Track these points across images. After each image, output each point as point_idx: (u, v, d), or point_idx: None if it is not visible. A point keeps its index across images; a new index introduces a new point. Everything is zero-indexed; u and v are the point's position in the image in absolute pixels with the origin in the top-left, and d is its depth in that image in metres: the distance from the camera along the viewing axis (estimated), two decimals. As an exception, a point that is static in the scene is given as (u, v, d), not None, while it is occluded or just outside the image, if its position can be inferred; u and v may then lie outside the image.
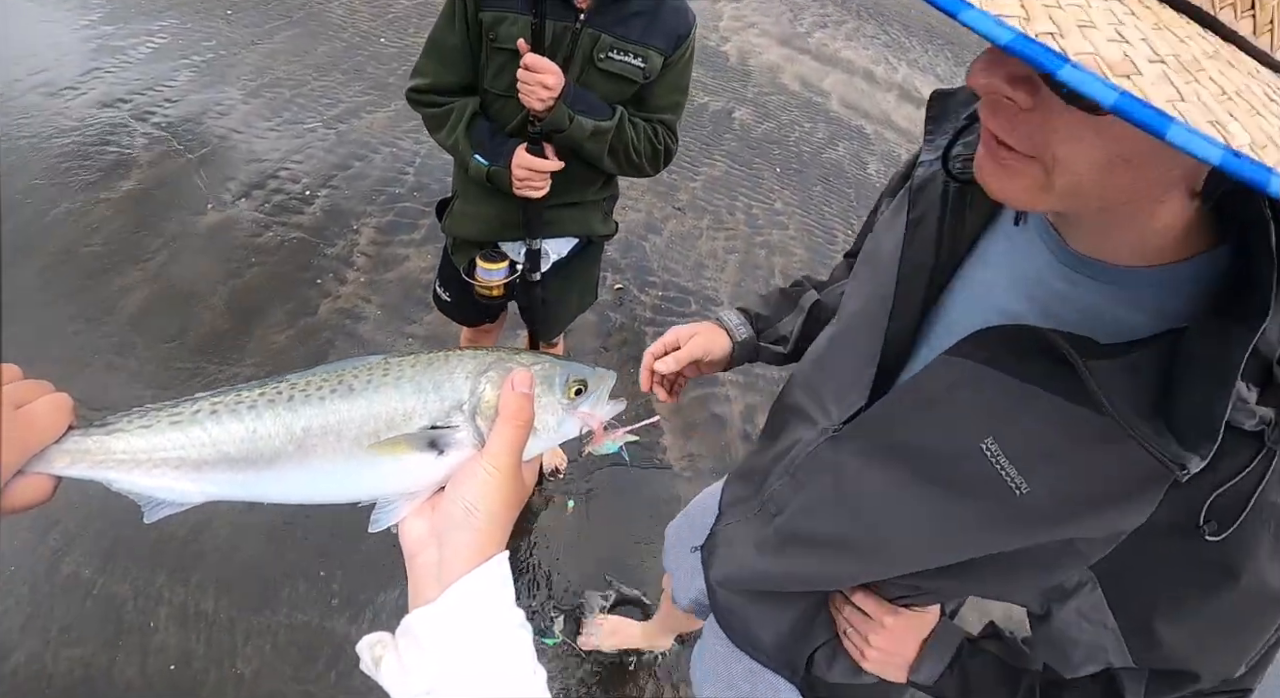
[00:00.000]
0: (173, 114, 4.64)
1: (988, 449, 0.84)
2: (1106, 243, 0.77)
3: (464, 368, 0.70)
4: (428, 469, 0.69)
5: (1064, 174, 0.65)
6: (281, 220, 4.01)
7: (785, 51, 8.25)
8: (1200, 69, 0.47)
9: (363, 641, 0.65)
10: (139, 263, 3.62)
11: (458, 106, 2.00)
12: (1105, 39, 0.46)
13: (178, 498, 0.70)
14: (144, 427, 0.69)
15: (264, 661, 2.39)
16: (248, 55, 5.40)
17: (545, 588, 2.75)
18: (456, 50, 1.95)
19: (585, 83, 1.93)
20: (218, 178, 4.21)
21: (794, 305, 1.48)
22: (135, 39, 5.35)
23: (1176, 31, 0.49)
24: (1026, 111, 0.64)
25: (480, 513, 0.64)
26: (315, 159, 4.48)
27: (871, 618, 1.21)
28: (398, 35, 5.95)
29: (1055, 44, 0.45)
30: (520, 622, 0.64)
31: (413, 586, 0.65)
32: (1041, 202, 0.70)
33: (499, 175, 1.97)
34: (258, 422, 0.68)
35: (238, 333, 3.37)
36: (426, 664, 0.60)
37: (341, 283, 3.72)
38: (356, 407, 0.68)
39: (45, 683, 2.24)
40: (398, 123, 4.87)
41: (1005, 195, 0.72)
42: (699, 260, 4.39)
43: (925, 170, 0.96)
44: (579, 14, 1.85)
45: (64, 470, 0.67)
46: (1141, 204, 0.69)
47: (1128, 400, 0.69)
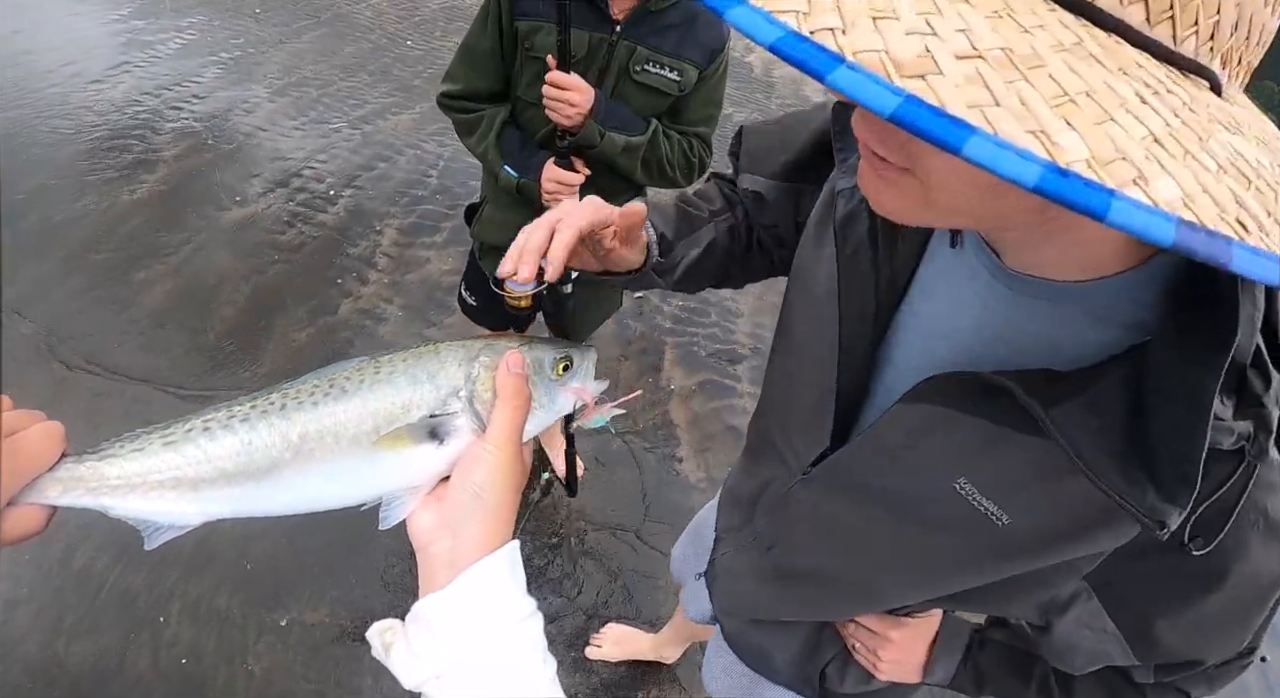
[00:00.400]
0: (199, 110, 4.68)
1: (961, 488, 0.79)
2: (1043, 258, 0.68)
3: (455, 356, 0.71)
4: (429, 460, 0.69)
5: (941, 192, 0.56)
6: (305, 219, 4.02)
7: (809, 63, 8.25)
8: (1038, 65, 0.38)
9: (373, 627, 0.65)
10: (162, 257, 3.64)
11: (488, 115, 2.00)
12: (903, 32, 0.38)
13: (177, 520, 0.69)
14: (137, 450, 0.68)
15: (275, 659, 2.38)
16: (275, 54, 5.44)
17: (559, 598, 2.73)
18: (489, 57, 1.94)
19: (620, 95, 1.92)
20: (242, 175, 4.23)
21: (691, 232, 1.18)
22: (164, 34, 5.41)
23: (1023, 19, 0.40)
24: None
25: (490, 495, 0.64)
26: (340, 159, 4.49)
27: (877, 634, 1.20)
28: (424, 38, 5.98)
29: (833, 41, 0.37)
30: (532, 610, 0.64)
31: (424, 575, 0.65)
32: (927, 218, 0.62)
33: (528, 187, 1.96)
34: (252, 433, 0.67)
35: (259, 329, 3.37)
36: (437, 649, 0.60)
37: (363, 283, 3.72)
38: (352, 406, 0.68)
39: (56, 672, 2.24)
40: (422, 125, 4.89)
41: (887, 210, 0.63)
42: (720, 271, 4.38)
43: (847, 202, 0.86)
44: (615, 25, 1.84)
45: (58, 499, 0.66)
46: (1059, 218, 0.59)
47: (1097, 443, 0.62)
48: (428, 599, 0.62)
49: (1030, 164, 0.35)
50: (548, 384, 0.74)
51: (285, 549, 2.62)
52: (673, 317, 3.95)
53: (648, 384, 3.56)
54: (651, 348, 3.75)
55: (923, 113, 0.35)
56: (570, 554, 2.87)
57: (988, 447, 0.76)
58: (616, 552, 2.90)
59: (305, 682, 2.34)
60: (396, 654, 0.62)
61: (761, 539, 1.23)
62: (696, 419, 3.48)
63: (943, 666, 1.18)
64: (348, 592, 2.57)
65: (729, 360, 3.78)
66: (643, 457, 3.27)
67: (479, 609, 0.61)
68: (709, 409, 3.54)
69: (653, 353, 3.73)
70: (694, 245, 1.17)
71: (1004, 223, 0.62)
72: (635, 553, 2.89)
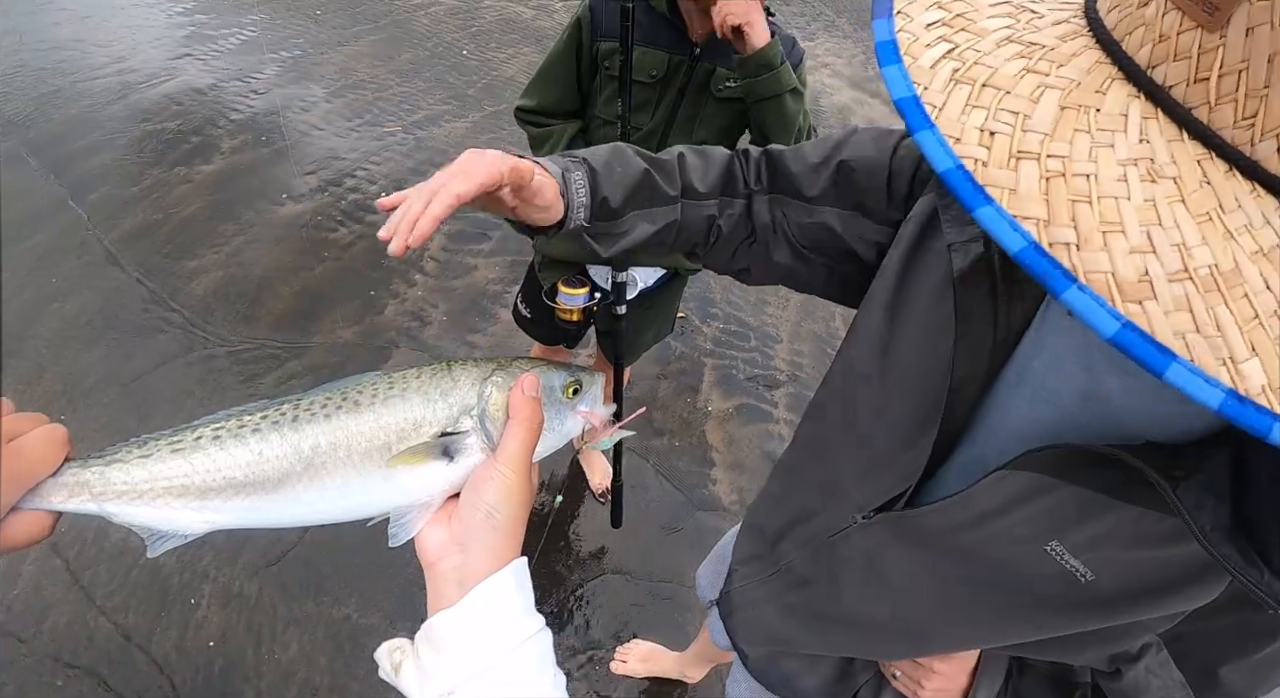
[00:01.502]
0: (258, 105, 4.75)
1: (1052, 550, 0.79)
2: None
3: (469, 375, 0.71)
4: (439, 477, 0.69)
5: None
6: (355, 219, 4.07)
7: (857, 94, 8.26)
8: (1238, 284, 0.42)
9: (381, 647, 0.65)
10: (214, 247, 3.69)
11: (557, 130, 2.03)
12: (1127, 249, 0.42)
13: (182, 529, 0.68)
14: (144, 456, 0.67)
15: (301, 649, 2.39)
16: (333, 55, 5.51)
17: (587, 617, 2.73)
18: (565, 76, 1.98)
19: (704, 115, 1.94)
20: (296, 172, 4.29)
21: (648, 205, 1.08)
22: (227, 30, 5.50)
23: (1230, 220, 0.44)
24: None
25: (501, 515, 0.65)
26: (393, 162, 4.54)
27: (922, 665, 1.17)
28: (480, 48, 6.04)
29: (1067, 257, 0.43)
30: (540, 626, 0.64)
31: (432, 592, 0.65)
32: None
33: None
34: (263, 444, 0.67)
35: (305, 323, 3.41)
36: (447, 667, 0.60)
37: (409, 286, 3.75)
38: (365, 421, 0.68)
39: (84, 645, 2.26)
40: (475, 134, 4.94)
41: None
42: (762, 296, 4.37)
43: (964, 257, 0.84)
44: (694, 48, 1.87)
45: (61, 505, 0.64)
46: None
47: (1215, 520, 0.62)
48: (437, 617, 0.62)
49: (1216, 391, 0.40)
50: (558, 407, 0.75)
51: (318, 542, 2.63)
52: (713, 339, 3.95)
53: (685, 404, 3.56)
54: (691, 369, 3.75)
55: (1137, 340, 0.41)
56: (598, 570, 2.87)
57: (1084, 514, 0.76)
58: (645, 570, 2.90)
59: (329, 674, 2.35)
60: (405, 674, 0.62)
61: (791, 574, 1.22)
62: (732, 442, 3.48)
63: (985, 691, 1.16)
64: (376, 588, 2.58)
65: (766, 386, 3.77)
66: (676, 477, 3.26)
67: (489, 626, 0.62)
68: (745, 433, 3.53)
69: (692, 374, 3.73)
70: (647, 220, 1.08)
71: None
72: (664, 572, 2.88)
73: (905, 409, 0.94)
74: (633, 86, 1.82)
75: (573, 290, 2.17)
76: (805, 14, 10.97)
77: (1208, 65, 0.44)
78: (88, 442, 2.68)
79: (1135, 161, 0.45)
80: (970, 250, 0.83)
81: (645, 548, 2.95)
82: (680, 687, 2.62)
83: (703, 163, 1.13)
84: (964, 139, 0.47)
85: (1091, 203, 0.44)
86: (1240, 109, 0.44)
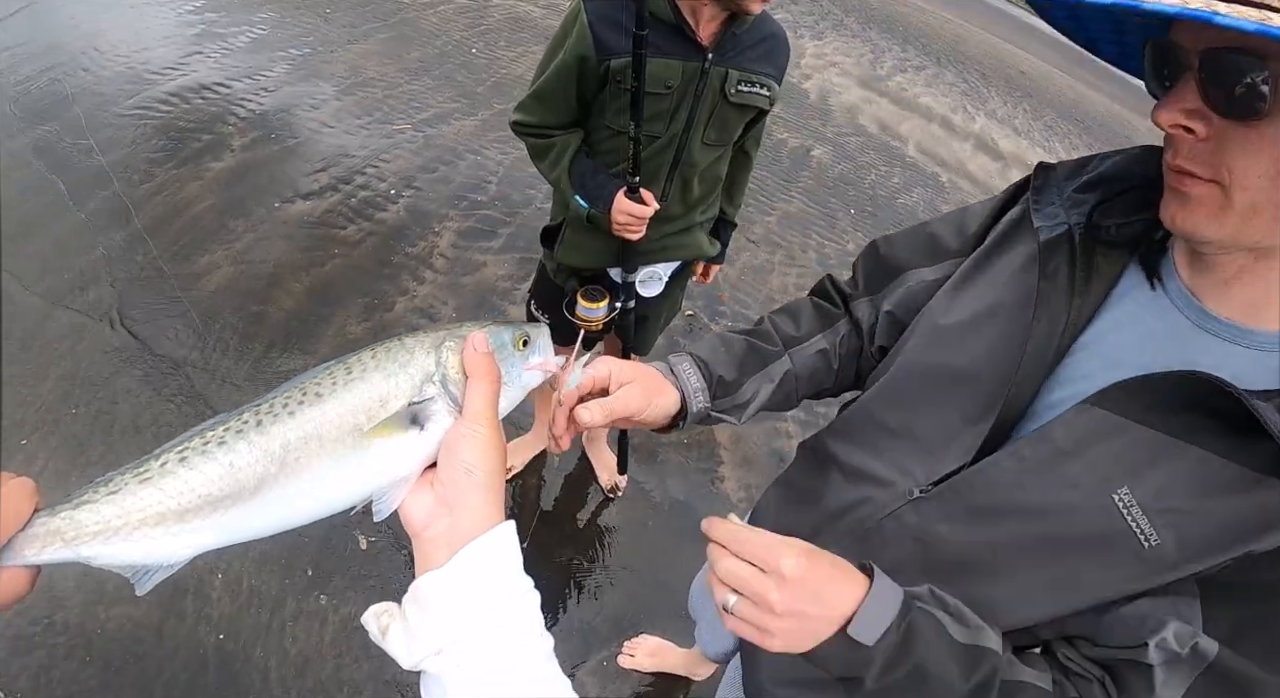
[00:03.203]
0: (268, 103, 4.76)
1: (1119, 499, 0.82)
2: (1248, 302, 0.80)
3: (421, 345, 0.73)
4: (413, 448, 0.70)
5: (1240, 189, 0.71)
6: (365, 216, 4.08)
7: (865, 93, 8.27)
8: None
9: (369, 611, 0.65)
10: (225, 243, 3.70)
11: (559, 142, 2.04)
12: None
13: (166, 559, 0.67)
14: (113, 493, 0.65)
15: (310, 641, 2.40)
16: (343, 53, 5.53)
17: (595, 612, 2.74)
18: (566, 96, 1.98)
19: (720, 118, 1.98)
20: (306, 169, 4.31)
21: (761, 367, 1.23)
22: (237, 28, 5.52)
23: None
24: (1203, 141, 0.72)
25: (480, 470, 0.66)
26: (402, 160, 4.56)
27: (766, 570, 0.86)
28: (489, 47, 6.06)
29: None
30: (528, 587, 0.65)
31: (420, 557, 0.66)
32: (1224, 224, 0.74)
33: (598, 218, 2.01)
34: (233, 455, 0.66)
35: (315, 320, 3.42)
36: (435, 626, 0.61)
37: (419, 283, 3.77)
38: (330, 409, 0.68)
39: (95, 637, 2.26)
40: (484, 132, 4.95)
41: (1190, 225, 0.76)
42: (769, 295, 4.38)
43: (1049, 232, 0.96)
44: (705, 53, 1.88)
45: (37, 558, 0.62)
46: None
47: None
48: (425, 578, 0.63)
49: None
50: (512, 361, 0.77)
51: (331, 538, 2.64)
52: (721, 336, 3.95)
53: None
54: (699, 366, 3.75)
55: None
56: (605, 564, 2.87)
57: (1158, 458, 0.80)
58: (651, 566, 2.90)
59: (338, 668, 2.36)
60: (393, 636, 0.63)
61: None
62: (739, 439, 3.48)
63: (872, 619, 0.85)
64: (386, 582, 2.59)
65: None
66: (683, 473, 3.27)
67: (478, 586, 0.62)
68: (752, 431, 3.54)
69: (700, 371, 3.72)
70: (767, 380, 1.23)
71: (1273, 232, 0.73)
72: (670, 568, 2.89)
73: (974, 376, 1.00)
74: (648, 98, 1.84)
75: (592, 304, 2.19)
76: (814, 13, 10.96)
77: None
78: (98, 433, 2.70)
79: None
80: (1055, 230, 0.95)
81: (654, 544, 2.96)
82: (686, 683, 2.62)
83: (790, 317, 1.29)
84: None
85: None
86: None
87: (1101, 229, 0.92)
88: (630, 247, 2.08)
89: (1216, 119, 0.71)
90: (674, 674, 2.62)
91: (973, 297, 1.06)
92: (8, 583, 0.60)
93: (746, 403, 1.20)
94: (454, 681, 0.60)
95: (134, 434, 2.75)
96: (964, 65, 10.99)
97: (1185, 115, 0.72)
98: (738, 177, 2.36)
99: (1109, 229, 0.92)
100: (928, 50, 11.11)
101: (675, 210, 2.15)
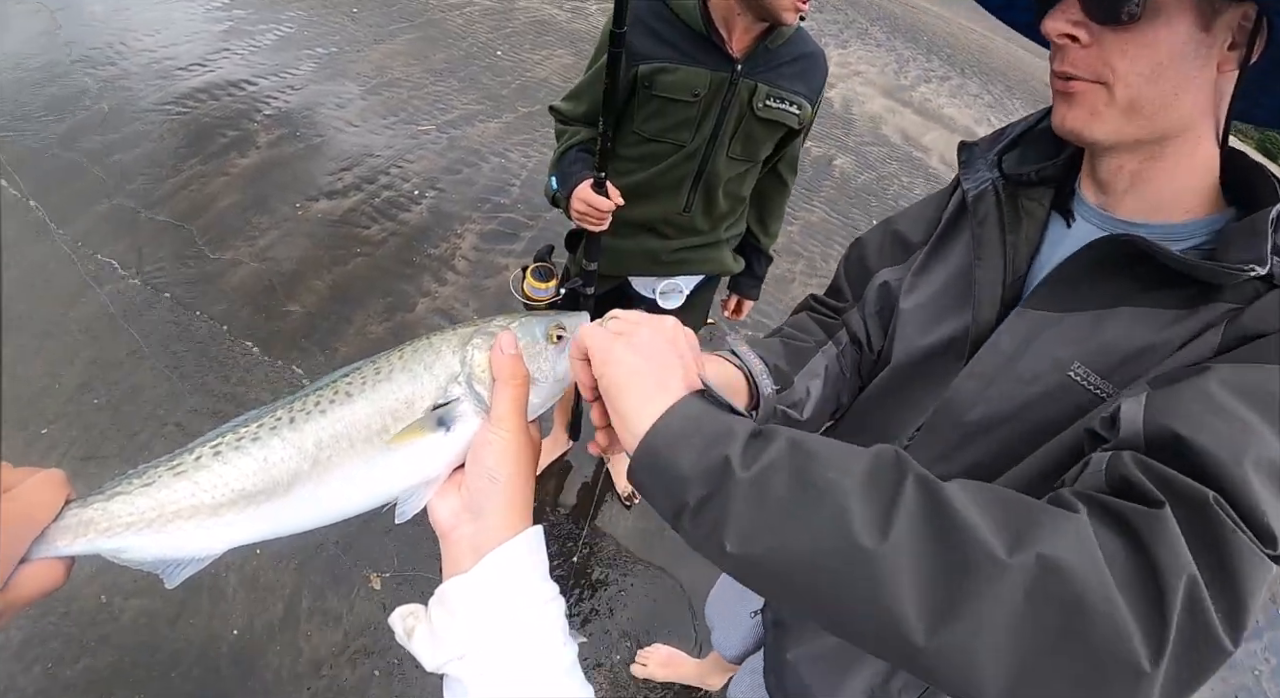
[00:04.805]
0: (294, 101, 4.79)
1: (1074, 373, 0.89)
2: (1149, 201, 0.90)
3: (448, 343, 0.71)
4: (439, 449, 0.69)
5: (1121, 86, 0.81)
6: (388, 216, 4.09)
7: (889, 102, 8.24)
8: None
9: (395, 612, 0.65)
10: (248, 239, 3.72)
11: (571, 131, 2.10)
12: None
13: (197, 553, 0.67)
14: (146, 485, 0.65)
15: (324, 639, 2.39)
16: (369, 53, 5.56)
17: (608, 619, 2.72)
18: (594, 93, 2.01)
19: (746, 132, 1.98)
20: (331, 167, 4.32)
21: (803, 363, 1.19)
22: (264, 25, 5.56)
23: None
24: (1085, 47, 0.83)
25: (503, 477, 0.65)
26: (426, 160, 4.57)
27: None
28: (514, 49, 6.07)
29: None
30: (554, 594, 0.64)
31: (447, 560, 0.66)
32: (1106, 119, 0.84)
33: (561, 202, 2.04)
34: (266, 450, 0.66)
35: (337, 318, 3.43)
36: (460, 630, 0.60)
37: (440, 284, 3.77)
38: (359, 408, 0.68)
39: (109, 628, 2.26)
40: (508, 134, 4.95)
41: (1077, 124, 0.86)
42: (790, 304, 4.35)
43: (974, 189, 1.06)
44: (735, 64, 1.89)
45: (69, 549, 0.62)
46: (1182, 132, 0.84)
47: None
48: (451, 582, 0.62)
49: None
50: (545, 356, 0.74)
51: (347, 536, 2.64)
52: (742, 345, 3.94)
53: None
54: (719, 374, 3.74)
55: None
56: (620, 572, 2.86)
57: (1096, 329, 0.89)
58: (665, 575, 2.89)
59: (350, 668, 2.35)
60: (418, 637, 0.63)
61: None
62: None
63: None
64: (401, 585, 2.58)
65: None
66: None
67: (502, 592, 0.62)
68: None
69: (719, 379, 3.72)
70: (812, 376, 1.19)
71: (1158, 120, 0.83)
72: (685, 577, 2.87)
73: (937, 331, 1.08)
74: (675, 104, 1.89)
75: (541, 284, 2.23)
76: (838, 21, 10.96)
77: None
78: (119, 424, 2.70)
79: None
80: (980, 185, 1.05)
81: (668, 553, 2.95)
82: (699, 694, 2.61)
83: (798, 328, 1.30)
84: None
85: None
86: None
87: (1022, 177, 1.02)
88: (594, 239, 2.08)
89: (1096, 26, 0.81)
90: (686, 685, 2.60)
91: (931, 279, 1.14)
92: (42, 574, 0.60)
93: (801, 401, 1.15)
94: (476, 686, 0.60)
95: (156, 426, 2.76)
96: (988, 77, 10.95)
97: (1070, 24, 0.83)
98: (772, 202, 2.37)
99: (1028, 175, 1.02)
100: (952, 61, 11.08)
101: (699, 223, 2.16)
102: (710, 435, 0.66)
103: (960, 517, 0.62)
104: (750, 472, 0.64)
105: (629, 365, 0.70)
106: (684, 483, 0.65)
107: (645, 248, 2.20)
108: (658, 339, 0.73)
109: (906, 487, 0.63)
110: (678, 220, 2.15)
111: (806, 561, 0.62)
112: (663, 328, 0.75)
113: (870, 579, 0.60)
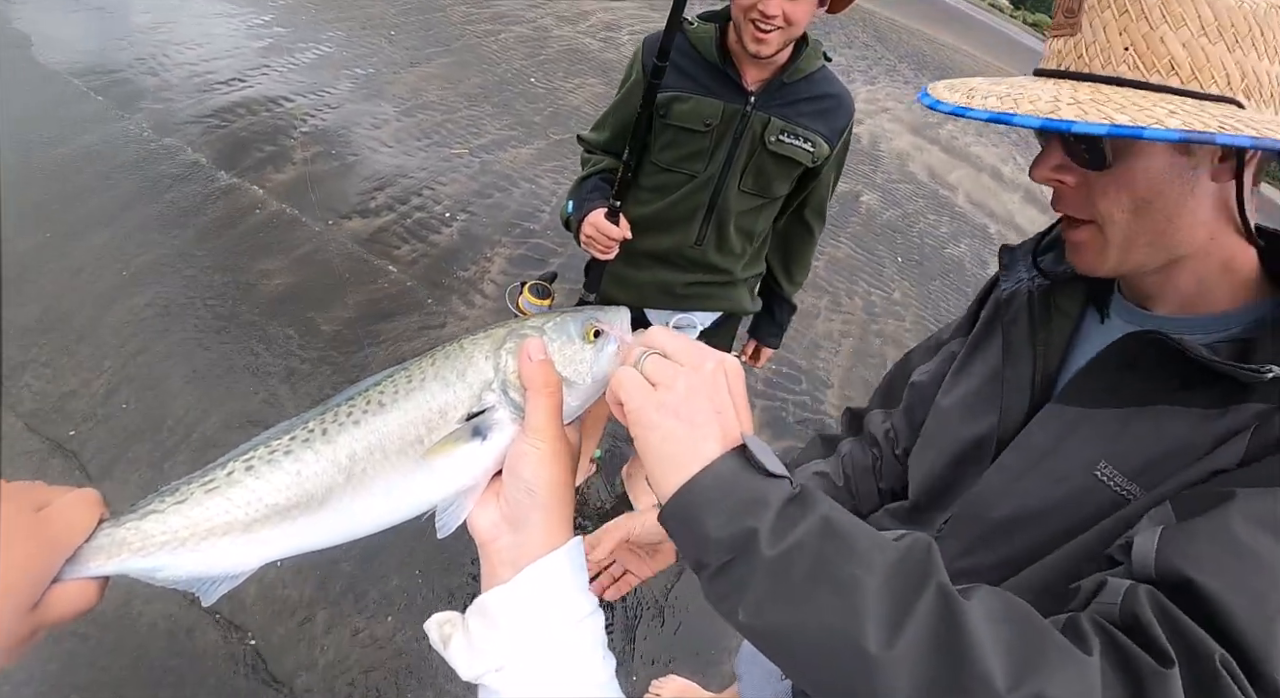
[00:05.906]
0: (330, 120, 4.86)
1: (1101, 473, 0.88)
2: (1180, 299, 0.90)
3: (480, 349, 0.68)
4: (476, 459, 0.66)
5: (1111, 225, 0.84)
6: (420, 237, 4.13)
7: (915, 140, 8.28)
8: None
9: (432, 618, 0.65)
10: (284, 252, 3.76)
11: (595, 159, 2.14)
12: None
13: (233, 570, 0.65)
14: (179, 503, 0.64)
15: (340, 653, 2.39)
16: (405, 76, 5.64)
17: (623, 646, 2.71)
18: (619, 122, 2.08)
19: (758, 166, 1.99)
20: (365, 187, 4.38)
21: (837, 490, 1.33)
22: (304, 44, 5.65)
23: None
24: (1075, 189, 0.86)
25: (541, 488, 0.63)
26: (458, 183, 4.62)
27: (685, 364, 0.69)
28: (547, 77, 6.14)
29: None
30: (593, 608, 0.63)
31: (486, 570, 0.64)
32: (1109, 258, 0.87)
33: (575, 226, 2.07)
34: (300, 464, 0.64)
35: (367, 334, 3.46)
36: (498, 642, 0.60)
37: (469, 306, 3.80)
38: (392, 419, 0.66)
39: (127, 633, 2.26)
40: (539, 161, 5.00)
41: (1085, 267, 0.90)
42: (815, 340, 4.36)
43: (1008, 290, 1.10)
44: (749, 97, 1.91)
45: (101, 569, 0.60)
46: (1194, 248, 0.85)
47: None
48: (491, 593, 0.61)
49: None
50: (581, 356, 0.69)
51: (367, 551, 2.65)
52: (764, 379, 3.94)
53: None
54: (741, 408, 3.74)
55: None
56: (637, 602, 2.85)
57: (1124, 427, 0.88)
58: (683, 608, 2.88)
59: (365, 685, 2.35)
60: (455, 646, 0.62)
61: None
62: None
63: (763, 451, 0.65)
64: (417, 601, 2.58)
65: (816, 430, 3.75)
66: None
67: (541, 605, 0.61)
68: (793, 476, 3.51)
69: (742, 413, 3.72)
70: (810, 472, 1.32)
71: (1159, 247, 0.84)
72: (702, 610, 2.86)
73: (970, 420, 1.09)
74: (687, 134, 1.92)
75: (538, 300, 2.29)
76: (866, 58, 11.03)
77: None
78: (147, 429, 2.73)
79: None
80: (1015, 285, 1.09)
81: (686, 586, 2.93)
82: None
83: (816, 449, 1.42)
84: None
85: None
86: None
87: (1055, 275, 1.04)
88: (598, 268, 2.13)
89: (1079, 169, 0.84)
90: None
91: (969, 379, 1.15)
92: (74, 594, 0.58)
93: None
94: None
95: (182, 434, 2.78)
96: (1015, 118, 10.96)
97: (1054, 170, 0.87)
98: (797, 251, 2.37)
99: (1065, 272, 1.03)
100: (979, 101, 11.11)
101: (712, 257, 2.17)
102: (741, 502, 0.64)
103: (970, 638, 0.61)
104: (775, 550, 0.63)
105: (662, 431, 0.65)
106: (709, 544, 0.64)
107: (659, 280, 2.22)
108: (696, 396, 0.66)
109: (926, 595, 0.63)
110: (690, 253, 2.15)
111: (813, 647, 0.63)
112: (702, 376, 0.66)
113: (869, 684, 0.61)
